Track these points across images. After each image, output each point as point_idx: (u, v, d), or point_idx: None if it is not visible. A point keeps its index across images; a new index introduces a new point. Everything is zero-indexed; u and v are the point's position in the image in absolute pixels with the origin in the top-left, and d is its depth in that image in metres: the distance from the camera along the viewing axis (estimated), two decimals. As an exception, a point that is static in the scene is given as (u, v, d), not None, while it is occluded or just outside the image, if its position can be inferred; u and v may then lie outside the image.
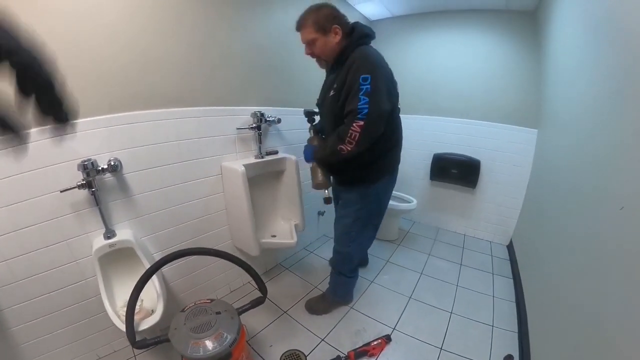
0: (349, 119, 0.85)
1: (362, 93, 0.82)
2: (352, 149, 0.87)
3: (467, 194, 2.03)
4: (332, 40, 0.92)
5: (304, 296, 1.42)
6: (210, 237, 1.29)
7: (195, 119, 1.13)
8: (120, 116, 0.93)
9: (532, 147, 1.75)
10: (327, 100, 0.98)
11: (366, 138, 0.85)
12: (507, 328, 1.23)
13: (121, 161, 0.94)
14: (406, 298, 1.42)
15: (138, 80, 0.95)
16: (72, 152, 0.84)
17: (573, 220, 0.89)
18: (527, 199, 1.76)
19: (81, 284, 0.92)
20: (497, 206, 1.94)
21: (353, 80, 0.84)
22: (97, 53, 0.85)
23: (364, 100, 0.81)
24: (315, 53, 0.96)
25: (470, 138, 1.95)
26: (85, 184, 0.82)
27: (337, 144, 0.89)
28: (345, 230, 1.14)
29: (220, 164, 1.24)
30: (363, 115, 0.82)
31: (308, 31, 0.92)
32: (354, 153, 0.88)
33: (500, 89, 1.83)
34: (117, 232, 0.94)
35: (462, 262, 1.76)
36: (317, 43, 0.93)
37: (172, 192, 1.11)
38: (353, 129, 0.84)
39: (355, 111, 0.83)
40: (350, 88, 0.85)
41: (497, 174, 1.91)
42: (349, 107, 0.85)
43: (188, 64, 1.07)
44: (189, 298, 1.25)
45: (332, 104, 0.94)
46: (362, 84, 0.82)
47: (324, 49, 0.93)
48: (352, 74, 0.85)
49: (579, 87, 1.02)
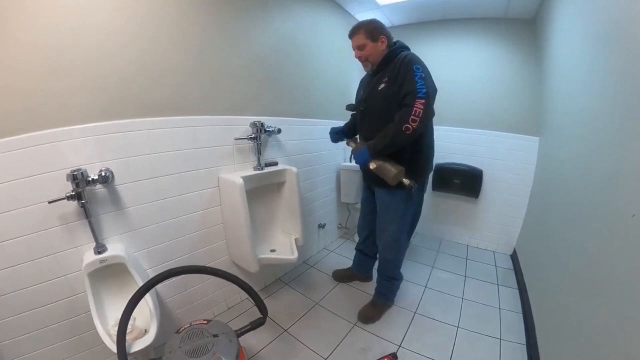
0: (409, 99, 0.94)
1: (417, 77, 0.94)
2: (417, 127, 0.93)
3: (470, 204, 2.01)
4: (380, 47, 1.07)
5: (305, 313, 1.35)
6: (206, 252, 1.23)
7: (192, 128, 1.09)
8: (113, 124, 0.88)
9: (533, 155, 1.74)
10: (376, 93, 1.07)
11: (427, 115, 0.94)
12: (515, 340, 1.19)
13: (113, 172, 0.89)
14: (411, 313, 1.37)
15: (132, 85, 0.92)
16: (61, 161, 0.80)
17: (581, 229, 0.87)
18: (530, 208, 1.74)
19: (71, 300, 0.87)
20: (499, 216, 1.92)
21: (407, 69, 0.97)
22: (90, 53, 0.82)
23: (420, 82, 0.93)
24: (364, 56, 1.09)
25: (471, 147, 1.94)
26: (75, 195, 0.78)
27: (401, 125, 0.94)
28: (395, 237, 1.19)
29: (217, 175, 1.19)
30: (423, 94, 0.92)
31: (360, 37, 1.08)
32: (417, 132, 0.95)
33: (500, 97, 1.84)
34: (108, 246, 0.89)
35: (466, 273, 1.72)
36: (366, 48, 1.07)
37: (166, 205, 1.06)
38: (416, 106, 0.92)
39: (415, 91, 0.93)
40: (405, 75, 0.96)
41: (499, 183, 1.89)
42: (408, 89, 0.95)
43: (185, 71, 1.04)
44: (184, 316, 1.19)
45: (385, 93, 1.04)
46: (415, 71, 0.95)
47: (372, 52, 1.08)
48: (405, 65, 0.98)
49: (583, 93, 1.02)
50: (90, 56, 0.82)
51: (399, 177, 1.02)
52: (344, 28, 1.88)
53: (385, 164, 1.03)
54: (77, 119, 0.83)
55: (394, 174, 1.01)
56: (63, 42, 0.77)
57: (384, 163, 1.03)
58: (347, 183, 1.92)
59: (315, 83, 1.68)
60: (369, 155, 1.04)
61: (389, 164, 1.03)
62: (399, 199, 1.13)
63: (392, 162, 1.03)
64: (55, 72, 0.77)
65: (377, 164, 1.03)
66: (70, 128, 0.81)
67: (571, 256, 0.91)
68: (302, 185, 1.38)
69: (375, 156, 1.04)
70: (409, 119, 0.93)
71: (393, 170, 1.02)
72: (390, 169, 1.02)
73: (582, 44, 1.04)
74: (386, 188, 1.10)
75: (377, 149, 1.02)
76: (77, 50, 0.80)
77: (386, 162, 1.03)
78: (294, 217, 1.35)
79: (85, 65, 0.82)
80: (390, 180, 1.03)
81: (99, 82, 0.85)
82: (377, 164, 1.03)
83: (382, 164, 1.03)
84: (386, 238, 1.21)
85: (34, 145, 0.76)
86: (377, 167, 1.04)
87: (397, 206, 1.14)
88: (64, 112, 0.80)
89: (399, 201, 1.13)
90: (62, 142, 0.80)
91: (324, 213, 1.91)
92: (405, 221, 1.18)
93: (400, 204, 1.14)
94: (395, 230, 1.18)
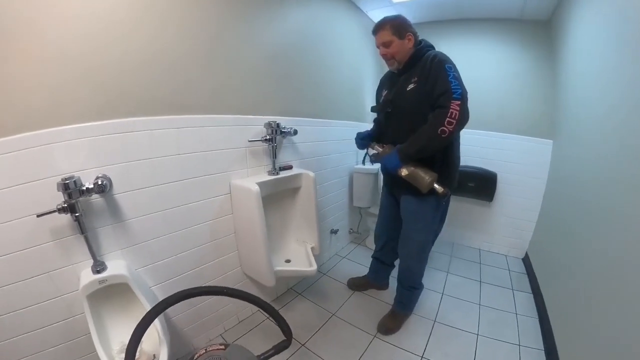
0: (444, 100, 0.88)
1: (450, 77, 0.88)
2: (453, 130, 0.87)
3: (483, 208, 1.98)
4: (407, 45, 1.00)
5: (322, 325, 1.28)
6: (216, 265, 1.12)
7: (201, 129, 0.97)
8: (110, 124, 0.77)
9: (547, 158, 1.72)
10: (404, 94, 1.01)
11: (464, 117, 0.88)
12: (533, 346, 1.18)
13: (111, 179, 0.78)
14: (430, 322, 1.33)
15: (134, 80, 0.80)
16: (52, 168, 0.69)
17: (601, 234, 0.86)
18: (544, 211, 1.73)
19: (68, 322, 0.78)
20: (512, 219, 1.90)
21: (439, 68, 0.90)
22: (87, 42, 0.70)
23: (454, 82, 0.88)
24: (390, 53, 1.01)
25: (485, 150, 1.90)
26: (67, 207, 0.68)
27: (437, 128, 0.88)
28: (421, 246, 1.15)
29: (229, 181, 1.08)
30: (458, 95, 0.87)
31: (385, 34, 1.00)
32: (453, 136, 0.89)
33: (514, 99, 1.80)
34: (108, 263, 0.79)
35: (481, 278, 1.69)
36: (392, 45, 1.00)
37: (172, 215, 0.95)
38: (452, 108, 0.86)
39: (450, 91, 0.87)
40: (437, 75, 0.90)
41: (512, 186, 1.86)
42: (442, 89, 0.88)
43: (194, 65, 0.93)
44: (194, 332, 1.10)
45: (415, 94, 0.97)
46: (448, 70, 0.89)
47: (399, 50, 1.00)
48: (437, 64, 0.91)
49: (604, 98, 0.99)
50: (85, 47, 0.70)
51: (432, 184, 0.95)
52: (357, 26, 1.81)
53: (417, 170, 0.95)
54: (70, 118, 0.71)
55: (428, 182, 0.94)
56: (54, 30, 0.65)
57: (415, 169, 0.95)
58: (360, 187, 1.84)
59: (330, 82, 1.59)
60: (399, 161, 0.96)
61: (422, 171, 0.95)
62: (429, 207, 1.07)
63: (424, 168, 0.96)
64: (44, 64, 0.65)
65: (409, 170, 0.95)
66: (62, 128, 0.70)
67: (590, 260, 0.89)
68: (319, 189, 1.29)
69: (406, 161, 0.96)
70: (444, 121, 0.86)
71: (427, 177, 0.94)
72: (424, 176, 0.94)
73: (604, 47, 1.02)
74: (414, 195, 1.03)
75: (408, 153, 0.95)
76: (70, 40, 0.68)
77: (418, 168, 0.96)
78: (309, 224, 1.26)
79: (80, 57, 0.69)
80: (423, 188, 0.95)
81: (95, 75, 0.73)
82: (409, 170, 0.96)
83: (414, 170, 0.95)
84: (411, 247, 1.16)
85: (18, 150, 0.64)
86: (409, 173, 0.96)
87: (425, 214, 1.08)
88: (55, 110, 0.68)
89: (428, 209, 1.07)
90: (51, 145, 0.69)
91: (336, 218, 1.83)
92: (432, 229, 1.14)
93: (429, 212, 1.08)
94: (422, 240, 1.13)
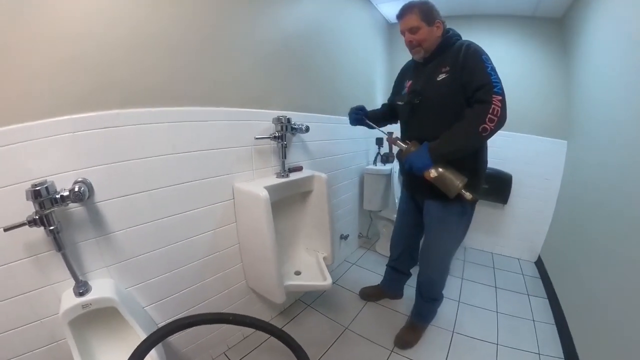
0: (484, 94, 0.78)
1: (489, 69, 0.79)
2: (494, 128, 0.78)
3: (496, 210, 1.92)
4: (436, 32, 0.90)
5: (335, 340, 1.17)
6: (219, 279, 0.99)
7: (199, 123, 0.84)
8: (92, 117, 0.65)
9: (561, 159, 1.67)
10: (435, 85, 0.90)
11: (505, 115, 0.78)
12: (552, 354, 1.12)
13: (92, 184, 0.66)
14: (449, 332, 1.26)
15: (121, 64, 0.68)
16: (23, 171, 0.58)
17: (623, 237, 0.83)
18: (558, 214, 1.68)
19: (52, 348, 0.67)
20: (525, 222, 1.85)
21: (475, 58, 0.82)
22: (65, 24, 0.59)
23: (494, 75, 0.79)
24: (417, 40, 0.91)
25: (499, 150, 1.81)
26: (39, 219, 0.57)
27: (478, 125, 0.78)
28: (445, 257, 1.08)
29: (232, 185, 0.95)
30: (499, 90, 0.78)
31: (413, 18, 0.89)
32: (493, 134, 0.79)
33: (528, 98, 1.74)
34: (92, 283, 0.69)
35: (496, 284, 1.63)
36: (420, 31, 0.89)
37: (166, 225, 0.82)
38: (495, 103, 0.76)
39: (491, 84, 0.78)
40: (474, 65, 0.81)
41: (527, 188, 1.80)
42: (482, 81, 0.79)
43: (191, 49, 0.79)
44: (195, 352, 0.99)
45: (446, 85, 0.87)
46: (486, 62, 0.80)
47: (427, 37, 0.90)
48: (473, 54, 0.82)
49: (625, 100, 0.96)
50: (63, 28, 0.59)
51: (461, 189, 0.84)
52: (368, 19, 1.70)
53: (446, 172, 0.84)
54: (43, 112, 0.59)
55: (459, 186, 0.83)
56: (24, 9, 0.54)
57: (445, 172, 0.84)
58: (371, 189, 1.73)
59: (342, 76, 1.48)
60: (430, 160, 0.84)
61: (451, 174, 0.84)
62: (455, 213, 0.97)
63: (454, 171, 0.85)
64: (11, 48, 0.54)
65: (438, 172, 0.84)
66: (33, 124, 0.58)
67: (610, 265, 0.87)
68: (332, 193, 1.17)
69: (438, 161, 0.85)
70: (486, 117, 0.76)
71: (457, 181, 0.83)
72: (454, 180, 0.83)
73: (624, 48, 0.98)
74: (440, 200, 0.93)
75: (442, 152, 0.83)
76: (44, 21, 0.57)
77: (448, 170, 0.85)
78: (321, 232, 1.14)
79: (58, 40, 0.58)
80: (451, 193, 0.85)
81: (74, 61, 0.61)
82: (437, 172, 0.84)
83: (443, 172, 0.84)
84: (434, 257, 1.07)
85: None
86: (437, 176, 0.84)
87: (452, 221, 0.99)
88: (24, 103, 0.57)
89: (454, 215, 0.97)
90: (21, 145, 0.58)
91: (346, 222, 1.72)
92: (458, 238, 1.04)
93: (456, 219, 0.98)
94: (447, 249, 1.05)
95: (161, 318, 0.85)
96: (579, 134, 1.45)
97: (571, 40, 1.55)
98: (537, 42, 1.69)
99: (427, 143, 0.86)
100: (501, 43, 1.76)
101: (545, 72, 1.69)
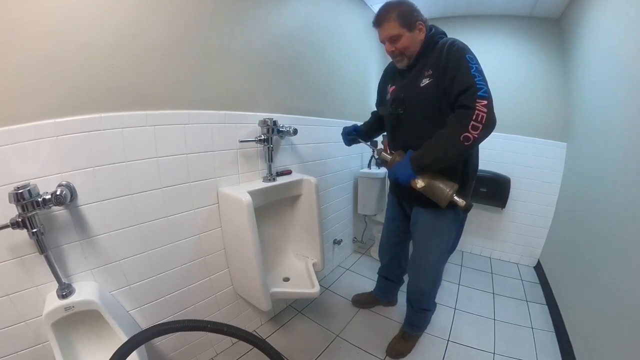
0: (466, 98, 0.72)
1: (473, 70, 0.73)
2: (479, 136, 0.71)
3: (495, 214, 1.87)
4: (418, 37, 0.84)
5: (325, 348, 1.14)
6: (205, 284, 0.98)
7: (182, 126, 0.83)
8: (75, 121, 0.65)
9: (560, 162, 1.63)
10: (418, 92, 0.84)
11: (492, 121, 0.71)
12: None
13: (75, 187, 0.67)
14: (444, 341, 1.21)
15: (104, 67, 0.67)
16: (6, 173, 0.59)
17: (624, 241, 0.81)
18: (557, 217, 1.63)
19: (37, 349, 0.68)
20: (524, 226, 1.80)
21: (458, 58, 0.75)
22: (47, 17, 0.59)
23: (478, 77, 0.72)
24: (399, 49, 0.84)
25: (497, 153, 1.79)
26: (21, 222, 0.58)
27: (459, 133, 0.72)
28: (435, 267, 1.02)
29: (216, 189, 0.94)
30: (484, 93, 0.71)
31: (392, 26, 0.82)
32: (477, 144, 0.74)
33: (526, 99, 1.71)
34: (76, 286, 0.69)
35: (494, 290, 1.58)
36: (401, 39, 0.83)
37: (150, 229, 0.81)
38: (478, 109, 0.70)
39: (475, 87, 0.71)
40: (457, 67, 0.75)
41: (526, 191, 1.76)
42: (464, 85, 0.73)
43: (173, 48, 0.78)
44: (181, 358, 0.96)
45: (430, 91, 0.81)
46: (469, 61, 0.74)
47: (410, 44, 0.83)
48: (455, 54, 0.76)
49: (625, 103, 0.93)
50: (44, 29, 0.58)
51: (452, 197, 0.80)
52: (361, 19, 1.68)
53: (435, 182, 0.80)
54: (27, 116, 0.59)
55: (449, 195, 0.79)
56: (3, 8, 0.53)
57: (433, 181, 0.80)
58: (365, 193, 1.70)
59: (333, 77, 1.46)
60: (412, 171, 0.80)
61: (441, 182, 0.80)
62: (446, 221, 0.92)
63: (443, 179, 0.81)
64: None
65: (426, 182, 0.80)
66: (16, 127, 0.59)
67: (612, 269, 0.85)
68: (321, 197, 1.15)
69: (420, 172, 0.81)
70: (469, 125, 0.70)
71: (447, 190, 0.79)
72: (444, 189, 0.79)
73: (623, 48, 0.96)
74: (430, 208, 0.88)
75: (423, 163, 0.79)
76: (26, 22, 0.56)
77: (436, 179, 0.81)
78: (311, 237, 1.12)
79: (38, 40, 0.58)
80: (443, 202, 0.81)
81: (56, 62, 0.61)
82: (425, 182, 0.80)
83: (431, 182, 0.80)
84: (424, 267, 1.01)
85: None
86: (425, 185, 0.81)
87: (442, 230, 0.94)
88: (6, 106, 0.57)
89: (445, 224, 0.92)
90: (4, 148, 0.58)
91: (339, 227, 1.69)
92: (448, 247, 1.00)
93: (446, 227, 0.93)
94: (437, 260, 0.99)
95: (146, 322, 0.84)
96: (579, 135, 1.42)
97: (569, 40, 1.52)
98: (534, 42, 1.66)
99: (411, 152, 0.82)
100: (498, 44, 1.74)
101: (543, 72, 1.66)
